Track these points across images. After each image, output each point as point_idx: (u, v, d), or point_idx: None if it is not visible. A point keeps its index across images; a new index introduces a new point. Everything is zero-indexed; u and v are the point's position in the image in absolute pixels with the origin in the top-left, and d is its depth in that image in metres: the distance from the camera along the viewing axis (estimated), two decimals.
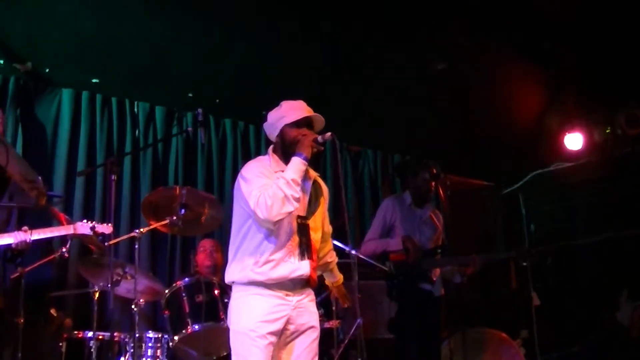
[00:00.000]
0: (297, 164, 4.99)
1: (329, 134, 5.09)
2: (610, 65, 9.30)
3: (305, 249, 5.10)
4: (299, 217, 5.12)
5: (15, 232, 6.23)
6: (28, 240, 6.19)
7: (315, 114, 5.22)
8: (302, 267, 5.05)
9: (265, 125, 5.38)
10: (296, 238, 5.08)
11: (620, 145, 10.51)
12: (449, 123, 10.04)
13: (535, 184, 11.73)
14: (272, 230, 5.00)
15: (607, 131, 10.58)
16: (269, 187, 4.90)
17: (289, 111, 5.22)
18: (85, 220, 6.58)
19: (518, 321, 11.15)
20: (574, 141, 10.59)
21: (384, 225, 8.24)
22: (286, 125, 5.18)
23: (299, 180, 4.94)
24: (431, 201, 8.60)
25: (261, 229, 5.04)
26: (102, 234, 6.61)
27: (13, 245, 6.15)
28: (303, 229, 5.13)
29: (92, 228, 6.51)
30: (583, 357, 9.52)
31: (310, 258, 5.10)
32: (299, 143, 5.08)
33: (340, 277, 5.87)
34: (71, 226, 6.47)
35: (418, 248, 7.90)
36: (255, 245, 5.04)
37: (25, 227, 6.30)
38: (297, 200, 4.89)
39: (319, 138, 5.09)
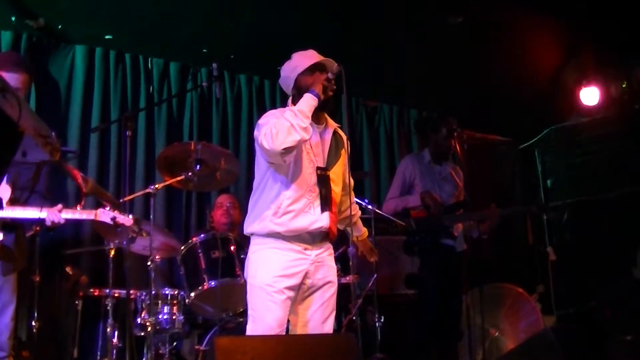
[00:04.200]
0: (307, 99, 5.02)
1: (335, 65, 5.12)
2: (628, 19, 9.20)
3: (326, 200, 5.11)
4: (318, 168, 5.15)
5: (49, 211, 6.25)
6: (60, 221, 6.23)
7: (327, 58, 5.25)
8: (322, 219, 5.07)
9: (281, 81, 5.43)
10: (316, 189, 5.10)
11: (636, 100, 10.44)
12: (466, 78, 9.98)
13: (551, 139, 11.70)
14: (289, 179, 5.05)
15: (624, 86, 10.51)
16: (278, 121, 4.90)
17: (301, 60, 5.29)
18: (107, 209, 6.57)
19: (534, 276, 11.16)
20: (590, 96, 10.51)
21: (404, 183, 8.24)
22: (299, 74, 5.23)
23: (307, 113, 4.94)
24: (451, 158, 8.57)
25: (278, 177, 5.08)
26: (122, 225, 6.61)
27: (48, 224, 6.19)
28: (323, 180, 5.15)
29: (113, 219, 6.52)
30: (599, 312, 9.50)
31: (330, 210, 5.11)
32: (313, 84, 5.10)
33: (365, 230, 5.91)
34: (93, 212, 6.47)
35: (438, 203, 7.88)
36: (274, 195, 5.06)
37: (60, 206, 6.32)
38: (305, 130, 4.88)
39: (329, 75, 5.11)
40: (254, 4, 8.15)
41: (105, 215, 6.51)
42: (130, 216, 6.58)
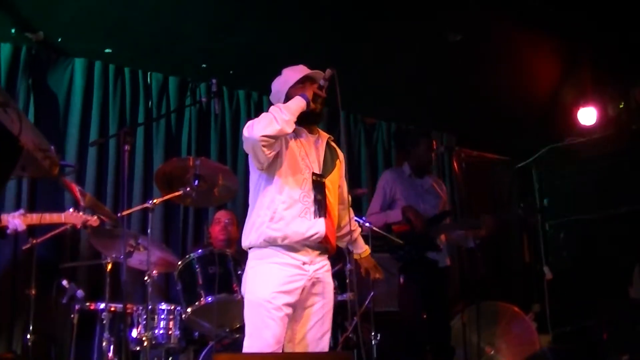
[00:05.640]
0: (295, 100, 5.09)
1: (328, 70, 5.16)
2: (625, 39, 9.23)
3: (321, 206, 5.11)
4: (314, 174, 5.17)
5: (10, 218, 6.28)
6: (20, 229, 6.27)
7: (316, 70, 5.31)
8: (317, 225, 5.06)
9: (272, 96, 5.50)
10: (311, 195, 5.10)
11: (634, 120, 10.46)
12: (464, 96, 10.00)
13: (548, 158, 11.70)
14: (283, 184, 5.06)
15: (621, 105, 10.54)
16: None
17: (291, 74, 5.37)
18: (71, 210, 6.60)
19: (530, 295, 11.16)
20: (587, 116, 10.54)
21: (384, 198, 8.23)
22: (290, 87, 5.29)
23: (293, 110, 4.99)
24: (431, 171, 8.56)
25: (271, 184, 5.09)
26: (90, 226, 6.66)
27: (8, 232, 6.23)
28: (318, 187, 5.16)
29: (85, 222, 6.56)
30: (595, 331, 9.49)
31: (325, 217, 5.11)
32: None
33: (367, 248, 5.85)
34: (62, 215, 6.50)
35: (420, 216, 7.87)
36: (269, 201, 5.06)
37: (22, 211, 6.33)
38: (286, 122, 4.91)
39: (321, 81, 5.17)
40: (253, 20, 8.17)
41: (75, 217, 6.54)
42: (95, 216, 6.62)
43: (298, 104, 5.03)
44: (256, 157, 4.99)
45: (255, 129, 4.84)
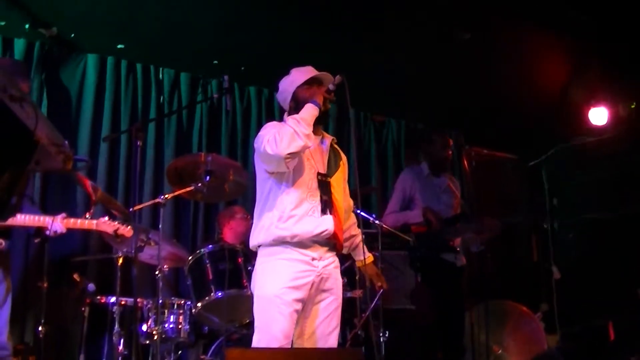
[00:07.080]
0: (308, 108, 5.12)
1: (338, 76, 5.23)
2: (636, 38, 9.22)
3: (327, 204, 5.15)
4: (319, 174, 5.22)
5: (52, 221, 6.30)
6: (61, 231, 6.27)
7: (324, 72, 5.37)
8: (325, 222, 5.09)
9: (278, 95, 5.57)
10: (317, 194, 5.15)
11: None
12: (473, 94, 10.00)
13: (559, 157, 11.67)
14: (291, 185, 5.10)
15: (633, 105, 10.51)
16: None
17: (299, 74, 5.42)
18: (106, 218, 6.62)
19: (538, 294, 11.14)
20: (598, 115, 10.50)
21: (404, 197, 8.25)
22: (298, 87, 5.34)
23: (309, 120, 5.03)
24: (448, 169, 8.57)
25: (280, 185, 5.14)
26: (122, 236, 6.66)
27: (50, 234, 6.23)
28: (324, 186, 5.21)
29: (116, 230, 6.57)
30: (603, 331, 9.48)
31: (332, 214, 5.14)
32: (311, 96, 5.21)
33: (370, 255, 5.79)
34: (94, 222, 6.51)
35: (440, 218, 7.88)
36: (277, 202, 5.11)
37: (63, 214, 6.35)
38: (308, 137, 4.96)
39: (330, 86, 5.23)
40: (264, 17, 8.19)
41: (106, 225, 6.54)
42: (129, 227, 6.63)
43: (311, 112, 5.09)
44: (278, 168, 5.05)
45: (280, 147, 4.85)
